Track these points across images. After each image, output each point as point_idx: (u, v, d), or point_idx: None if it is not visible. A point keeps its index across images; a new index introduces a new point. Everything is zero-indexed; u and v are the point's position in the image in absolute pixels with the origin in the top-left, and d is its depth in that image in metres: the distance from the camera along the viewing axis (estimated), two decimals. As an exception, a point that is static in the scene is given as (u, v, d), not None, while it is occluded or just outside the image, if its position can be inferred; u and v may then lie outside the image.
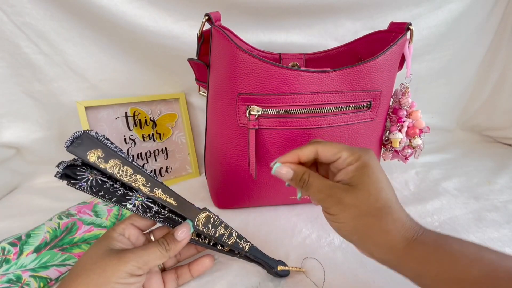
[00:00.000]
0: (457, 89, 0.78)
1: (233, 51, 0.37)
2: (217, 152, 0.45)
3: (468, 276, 0.22)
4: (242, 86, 0.38)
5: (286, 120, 0.39)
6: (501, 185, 0.57)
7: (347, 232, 0.27)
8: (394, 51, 0.40)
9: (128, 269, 0.27)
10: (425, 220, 0.46)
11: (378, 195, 0.26)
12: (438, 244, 0.25)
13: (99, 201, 0.45)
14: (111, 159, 0.30)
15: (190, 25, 0.53)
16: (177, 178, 0.62)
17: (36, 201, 0.54)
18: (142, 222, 0.33)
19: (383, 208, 0.26)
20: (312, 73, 0.37)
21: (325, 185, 0.28)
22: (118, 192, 0.31)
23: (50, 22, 0.49)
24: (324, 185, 0.28)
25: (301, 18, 0.57)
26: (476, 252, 0.24)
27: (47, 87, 0.53)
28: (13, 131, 0.54)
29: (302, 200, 0.49)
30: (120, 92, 0.57)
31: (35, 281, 0.33)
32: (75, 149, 0.28)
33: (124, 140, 0.56)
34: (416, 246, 0.25)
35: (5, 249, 0.35)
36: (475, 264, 0.23)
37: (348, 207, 0.26)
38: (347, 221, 0.26)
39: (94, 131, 0.30)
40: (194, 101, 0.63)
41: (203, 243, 0.34)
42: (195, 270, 0.35)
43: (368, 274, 0.36)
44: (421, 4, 0.61)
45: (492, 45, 0.74)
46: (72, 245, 0.38)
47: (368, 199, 0.26)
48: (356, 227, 0.26)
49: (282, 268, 0.35)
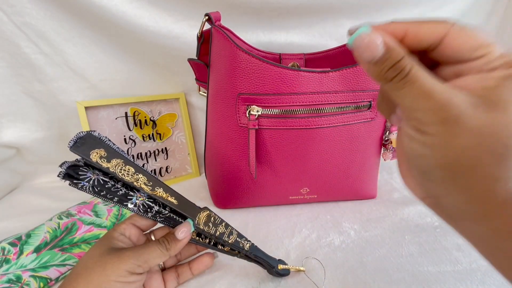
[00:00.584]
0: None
1: (233, 51, 0.37)
2: (217, 152, 0.45)
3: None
4: (242, 86, 0.38)
5: (286, 120, 0.39)
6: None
7: (435, 167, 0.17)
8: (394, 51, 0.40)
9: (128, 268, 0.27)
10: (425, 220, 0.46)
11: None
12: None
13: (99, 201, 0.45)
14: (113, 159, 0.30)
15: (190, 25, 0.53)
16: (177, 178, 0.62)
17: (36, 201, 0.54)
18: (143, 222, 0.33)
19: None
20: (312, 73, 0.37)
21: (438, 88, 0.16)
22: (120, 192, 0.31)
23: (50, 22, 0.49)
24: (438, 87, 0.16)
25: (301, 18, 0.57)
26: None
27: (47, 87, 0.53)
28: (13, 131, 0.54)
29: (302, 200, 0.49)
30: (120, 92, 0.57)
31: (35, 281, 0.33)
32: (78, 149, 0.29)
33: (124, 140, 0.56)
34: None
35: (5, 249, 0.35)
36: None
37: (468, 132, 0.16)
38: (451, 152, 0.16)
39: (97, 132, 0.31)
40: (194, 101, 0.63)
41: (203, 242, 0.34)
42: (195, 268, 0.35)
43: (368, 274, 0.36)
44: (421, 4, 0.61)
45: (492, 45, 0.74)
46: (72, 245, 0.38)
47: (507, 129, 0.15)
48: (459, 164, 0.16)
49: (283, 267, 0.35)
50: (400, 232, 0.43)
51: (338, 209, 0.49)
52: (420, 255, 0.39)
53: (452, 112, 0.16)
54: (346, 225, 0.45)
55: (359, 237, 0.42)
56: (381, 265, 0.37)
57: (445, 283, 0.35)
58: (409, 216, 0.47)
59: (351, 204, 0.50)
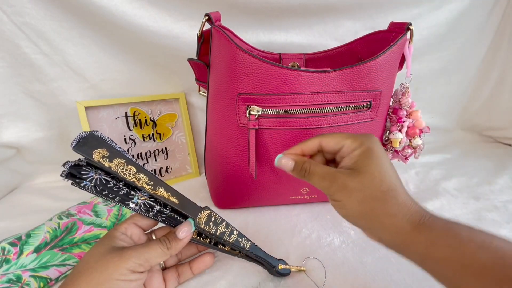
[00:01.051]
0: (457, 89, 0.78)
1: (233, 51, 0.37)
2: (217, 152, 0.45)
3: (475, 262, 0.22)
4: (242, 86, 0.38)
5: (286, 120, 0.39)
6: (501, 185, 0.57)
7: (354, 217, 0.27)
8: (394, 51, 0.40)
9: (130, 266, 0.27)
10: (425, 220, 0.46)
11: (382, 178, 0.26)
12: (446, 228, 0.24)
13: (99, 201, 0.45)
14: (115, 158, 0.30)
15: (190, 25, 0.53)
16: (177, 178, 0.62)
17: (36, 201, 0.54)
18: (144, 221, 0.33)
19: (388, 191, 0.25)
20: (312, 73, 0.37)
21: (327, 172, 0.28)
22: (121, 191, 0.31)
23: (50, 22, 0.49)
24: (327, 172, 0.28)
25: (301, 18, 0.57)
26: (485, 239, 0.23)
27: (47, 87, 0.53)
28: (13, 131, 0.54)
29: (302, 200, 0.49)
30: (120, 92, 0.57)
31: (35, 281, 0.33)
32: (80, 148, 0.29)
33: (124, 140, 0.56)
34: (423, 230, 0.24)
35: (5, 249, 0.35)
36: (483, 250, 0.22)
37: (353, 191, 0.26)
38: (353, 206, 0.26)
39: (99, 132, 0.31)
40: (194, 101, 0.63)
41: (204, 242, 0.34)
42: (196, 268, 0.35)
43: (368, 274, 0.36)
44: (421, 4, 0.61)
45: (492, 45, 0.74)
46: (72, 245, 0.38)
47: (373, 182, 0.26)
48: (362, 212, 0.26)
49: (283, 267, 0.35)
50: (400, 232, 0.43)
51: (338, 209, 0.49)
52: (420, 255, 0.39)
53: (340, 182, 0.27)
54: (346, 225, 0.45)
55: (359, 237, 0.42)
56: (381, 265, 0.38)
57: (445, 283, 0.35)
58: (409, 216, 0.47)
59: (351, 204, 0.50)
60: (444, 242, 0.23)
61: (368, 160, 0.26)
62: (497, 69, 0.76)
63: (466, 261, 0.22)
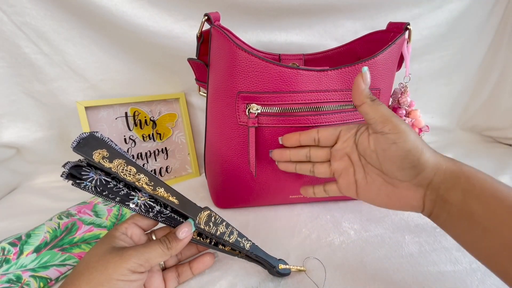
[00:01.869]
0: (457, 89, 0.78)
1: (233, 50, 0.37)
2: (217, 151, 0.45)
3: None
4: (241, 85, 0.38)
5: (285, 118, 0.39)
6: (501, 185, 0.57)
7: (398, 151, 0.30)
8: (392, 51, 0.40)
9: (130, 266, 0.27)
10: (425, 220, 0.46)
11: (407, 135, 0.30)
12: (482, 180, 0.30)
13: (99, 201, 0.45)
14: (115, 159, 0.31)
15: (190, 25, 0.53)
16: (177, 178, 0.62)
17: (36, 201, 0.54)
18: (145, 221, 0.33)
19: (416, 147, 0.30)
20: (311, 71, 0.37)
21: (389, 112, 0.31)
22: (122, 192, 0.31)
23: (50, 22, 0.49)
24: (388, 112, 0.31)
25: (301, 18, 0.57)
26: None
27: (47, 87, 0.53)
28: (13, 131, 0.54)
29: (302, 199, 0.49)
30: (120, 92, 0.57)
31: (35, 281, 0.33)
32: (81, 149, 0.29)
33: (124, 140, 0.56)
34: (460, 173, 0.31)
35: (5, 249, 0.35)
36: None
37: (401, 131, 0.30)
38: (399, 141, 0.30)
39: (99, 133, 0.32)
40: (194, 101, 0.63)
41: (204, 242, 0.34)
42: (196, 268, 0.35)
43: (368, 274, 0.36)
44: (421, 4, 0.61)
45: (492, 45, 0.74)
46: (72, 245, 0.38)
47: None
48: (404, 148, 0.30)
49: (284, 267, 0.35)
50: (400, 232, 0.43)
51: (338, 209, 0.49)
52: (420, 255, 0.39)
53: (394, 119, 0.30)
54: (346, 225, 0.45)
55: (359, 237, 0.42)
56: (381, 265, 0.37)
57: (445, 283, 0.35)
58: (409, 216, 0.47)
59: (351, 204, 0.50)
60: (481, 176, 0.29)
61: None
62: (497, 69, 0.76)
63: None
